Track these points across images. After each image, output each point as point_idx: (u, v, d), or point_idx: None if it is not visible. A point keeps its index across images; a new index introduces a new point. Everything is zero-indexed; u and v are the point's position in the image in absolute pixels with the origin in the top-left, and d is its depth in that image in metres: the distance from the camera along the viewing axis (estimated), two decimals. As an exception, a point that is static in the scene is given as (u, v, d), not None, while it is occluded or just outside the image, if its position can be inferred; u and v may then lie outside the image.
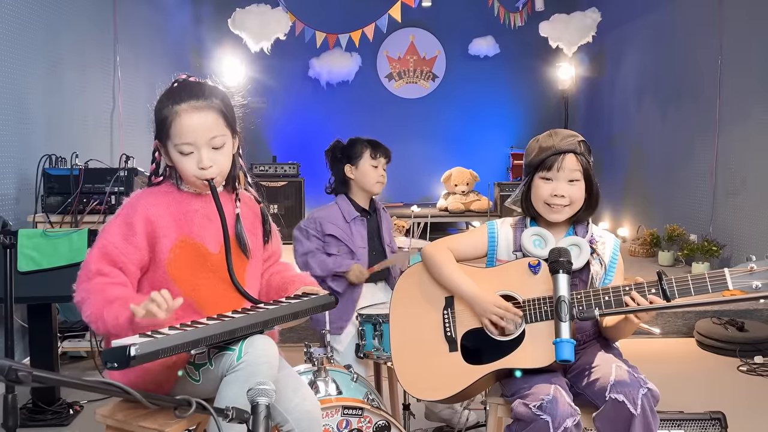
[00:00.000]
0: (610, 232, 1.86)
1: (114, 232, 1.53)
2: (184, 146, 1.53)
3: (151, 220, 1.54)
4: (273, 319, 1.42)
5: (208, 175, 1.55)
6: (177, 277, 1.55)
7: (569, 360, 1.42)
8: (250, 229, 1.68)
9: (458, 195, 6.83)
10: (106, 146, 4.65)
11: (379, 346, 2.14)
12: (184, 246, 1.56)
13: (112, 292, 1.45)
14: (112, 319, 1.41)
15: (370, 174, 2.56)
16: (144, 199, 1.58)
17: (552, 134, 1.79)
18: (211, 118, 1.55)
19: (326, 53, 7.34)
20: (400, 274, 2.64)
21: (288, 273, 1.78)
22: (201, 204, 1.61)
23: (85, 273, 1.49)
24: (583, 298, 1.58)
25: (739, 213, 4.71)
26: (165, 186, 1.64)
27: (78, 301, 1.48)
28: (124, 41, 4.92)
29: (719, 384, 3.29)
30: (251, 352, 1.40)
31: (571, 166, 1.73)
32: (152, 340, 1.22)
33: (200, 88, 1.57)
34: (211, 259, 1.58)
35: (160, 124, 1.56)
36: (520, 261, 1.72)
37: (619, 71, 6.82)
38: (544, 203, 1.76)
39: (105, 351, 1.23)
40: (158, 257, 1.55)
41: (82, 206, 3.25)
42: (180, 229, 1.57)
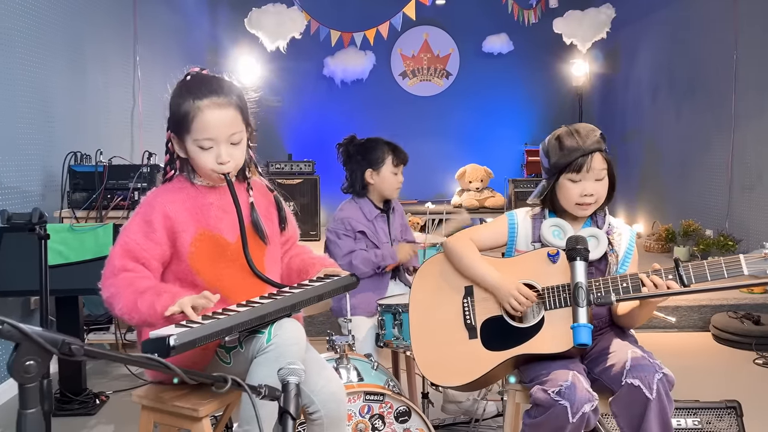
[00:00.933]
0: (626, 224, 1.90)
1: (134, 230, 1.58)
2: (205, 141, 1.57)
3: (170, 216, 1.58)
4: (299, 302, 1.48)
5: (225, 170, 1.60)
6: (200, 270, 1.60)
7: (586, 344, 1.46)
8: (265, 215, 1.72)
9: (472, 192, 6.86)
10: (127, 144, 4.75)
11: (399, 335, 2.19)
12: (204, 239, 1.61)
13: (141, 284, 1.51)
14: (147, 308, 1.46)
15: (390, 181, 2.60)
16: (161, 196, 1.62)
17: (573, 132, 1.79)
18: (231, 115, 1.59)
19: (340, 52, 7.40)
20: (411, 269, 2.71)
21: (307, 255, 1.83)
22: (215, 196, 1.66)
23: (110, 270, 1.55)
24: (602, 284, 1.62)
25: (756, 208, 4.71)
26: (178, 181, 1.67)
27: (108, 296, 1.53)
28: (143, 41, 5.01)
29: (735, 376, 3.31)
30: (280, 335, 1.45)
31: (598, 165, 1.76)
32: (189, 330, 1.28)
33: (219, 84, 1.61)
34: (230, 249, 1.63)
35: (179, 118, 1.58)
36: (539, 251, 1.77)
37: (634, 67, 6.81)
38: (575, 204, 1.78)
39: (145, 342, 1.29)
40: (180, 251, 1.59)
41: (107, 202, 3.33)
42: (198, 223, 1.61)
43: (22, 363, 0.90)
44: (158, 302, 1.45)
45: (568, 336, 1.58)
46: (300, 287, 1.57)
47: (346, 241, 2.55)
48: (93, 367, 3.45)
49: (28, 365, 0.90)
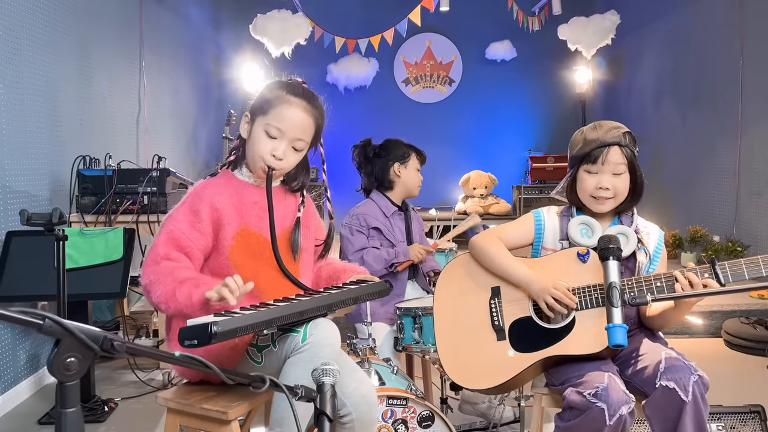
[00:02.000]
0: (653, 223, 1.88)
1: (180, 219, 1.59)
2: (274, 130, 1.62)
3: (217, 207, 1.60)
4: (336, 302, 1.46)
5: (274, 164, 1.63)
6: (238, 264, 1.60)
7: (622, 345, 1.43)
8: (304, 223, 1.74)
9: (477, 198, 6.84)
10: (133, 148, 4.72)
11: (419, 338, 2.16)
12: (245, 234, 1.63)
13: (182, 274, 1.50)
14: (185, 299, 1.45)
15: (415, 177, 2.64)
16: (209, 188, 1.65)
17: (597, 126, 1.80)
18: (308, 123, 1.65)
19: (344, 59, 7.40)
20: (431, 274, 2.69)
21: (337, 264, 1.86)
22: (259, 196, 1.68)
23: (152, 257, 1.54)
24: (635, 284, 1.60)
25: (764, 213, 4.69)
26: (224, 176, 1.71)
27: (147, 283, 1.52)
28: (149, 47, 5.00)
29: (750, 382, 3.28)
30: (316, 334, 1.43)
31: (615, 159, 1.75)
32: (231, 319, 1.25)
33: (314, 97, 1.69)
34: (268, 247, 1.64)
35: (264, 100, 1.64)
36: (568, 250, 1.74)
37: (637, 74, 6.82)
38: (590, 196, 1.78)
39: (183, 329, 1.26)
40: (221, 244, 1.60)
41: (116, 206, 3.30)
42: (241, 219, 1.63)
43: (62, 360, 0.87)
44: (196, 293, 1.44)
45: (600, 337, 1.56)
46: (336, 289, 1.57)
47: (358, 237, 2.54)
48: (101, 373, 3.40)
49: (69, 362, 0.87)
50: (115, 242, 2.99)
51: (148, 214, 3.29)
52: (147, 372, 3.37)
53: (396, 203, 2.64)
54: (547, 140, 7.86)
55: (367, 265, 2.43)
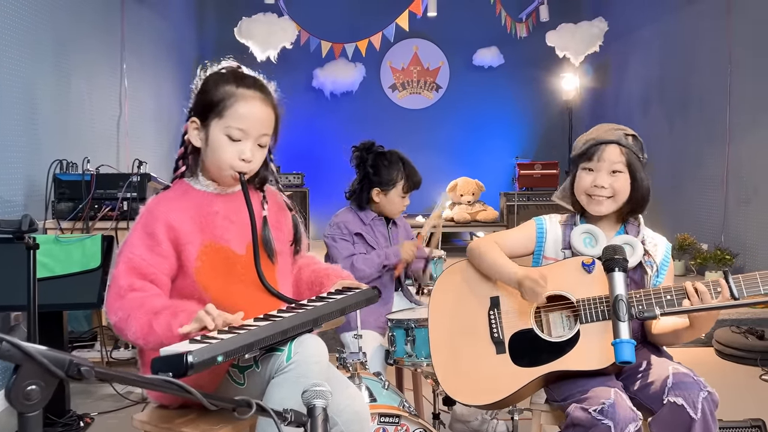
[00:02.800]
0: (661, 235, 1.81)
1: (137, 244, 1.44)
2: (236, 131, 1.47)
3: (173, 226, 1.45)
4: (322, 316, 1.36)
5: (245, 168, 1.49)
6: (207, 285, 1.46)
7: (630, 361, 1.36)
8: (275, 226, 1.60)
9: (464, 205, 6.78)
10: (113, 153, 4.59)
11: (412, 352, 2.07)
12: (210, 252, 1.48)
13: (154, 303, 1.37)
14: (164, 330, 1.32)
15: (396, 204, 2.51)
16: (162, 204, 1.49)
17: (599, 127, 1.75)
18: (269, 115, 1.51)
19: (330, 63, 7.31)
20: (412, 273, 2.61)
21: (318, 266, 1.71)
22: (221, 204, 1.53)
23: (115, 292, 1.40)
24: (643, 297, 1.52)
25: (752, 221, 4.68)
26: (178, 187, 1.55)
27: (117, 321, 1.38)
28: (130, 49, 4.88)
29: (745, 393, 3.23)
30: (301, 352, 1.33)
31: (612, 157, 1.68)
32: (208, 346, 1.15)
33: (263, 84, 1.53)
34: (240, 262, 1.50)
35: (212, 101, 1.48)
36: (573, 259, 1.67)
37: (624, 81, 6.82)
38: (586, 194, 1.72)
39: (156, 360, 1.15)
40: (185, 265, 1.46)
41: (94, 212, 3.17)
42: (203, 234, 1.48)
43: (22, 388, 0.76)
44: (175, 322, 1.31)
45: (606, 352, 1.48)
46: (320, 300, 1.45)
47: (344, 244, 2.45)
48: (76, 386, 3.27)
49: (30, 391, 0.77)
50: (93, 250, 2.86)
51: (127, 221, 3.17)
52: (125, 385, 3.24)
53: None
54: (534, 147, 7.83)
55: (357, 270, 2.33)
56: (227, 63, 1.58)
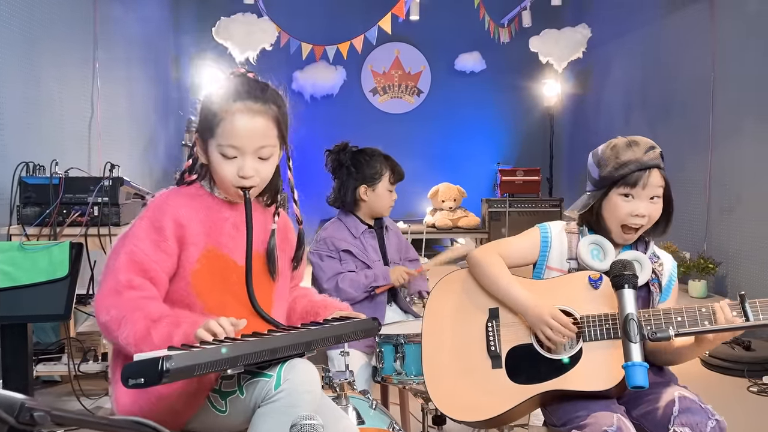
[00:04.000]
0: (667, 253, 1.72)
1: (141, 237, 1.35)
2: (229, 149, 1.38)
3: (182, 223, 1.38)
4: (316, 340, 1.24)
5: (247, 185, 1.39)
6: (201, 291, 1.37)
7: (643, 386, 1.27)
8: (280, 246, 1.51)
9: (445, 211, 6.71)
10: (84, 155, 4.41)
11: (401, 369, 1.95)
12: (211, 257, 1.40)
13: (153, 309, 1.27)
14: (162, 340, 1.21)
15: (385, 199, 2.39)
16: (173, 199, 1.41)
17: (632, 144, 1.61)
18: (263, 125, 1.40)
19: (310, 66, 7.20)
20: (413, 294, 2.49)
21: (315, 297, 1.63)
22: (232, 212, 1.45)
23: (111, 285, 1.30)
24: (651, 317, 1.43)
25: (735, 230, 4.67)
26: (195, 188, 1.47)
27: (108, 320, 1.27)
28: (103, 47, 4.70)
29: (733, 405, 3.18)
30: (292, 379, 1.21)
31: (655, 182, 1.57)
32: (187, 353, 1.03)
33: (260, 88, 1.42)
34: (237, 274, 1.41)
35: (207, 119, 1.40)
36: (579, 274, 1.57)
37: (606, 88, 6.82)
38: (620, 224, 1.59)
39: (128, 365, 1.04)
40: (183, 266, 1.37)
41: (62, 218, 3.01)
42: (208, 237, 1.40)
43: (-39, 440, 0.65)
44: (177, 333, 1.21)
45: (610, 372, 1.40)
46: (315, 325, 1.34)
47: (329, 263, 2.32)
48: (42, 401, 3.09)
49: (-31, 442, 0.65)
50: (60, 258, 2.70)
51: (98, 227, 3.01)
52: (94, 399, 3.08)
53: (367, 222, 2.43)
54: (516, 153, 7.79)
55: (342, 292, 2.21)
56: (233, 71, 1.48)
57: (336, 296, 2.00)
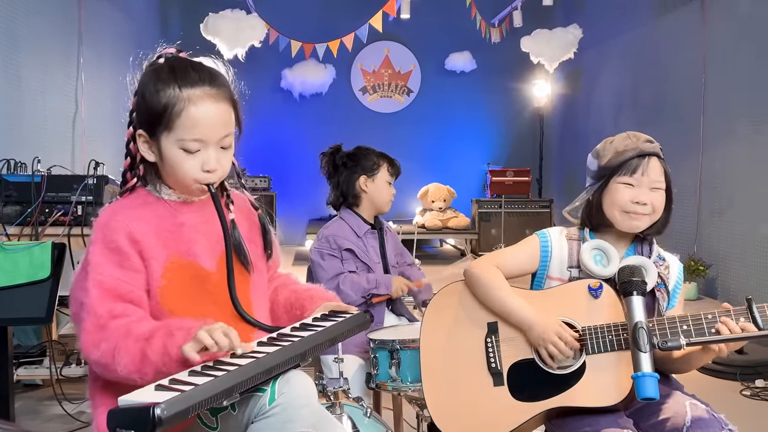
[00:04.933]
0: (673, 255, 1.67)
1: (102, 263, 1.23)
2: (193, 143, 1.25)
3: (136, 239, 1.25)
4: (310, 349, 1.17)
5: (211, 180, 1.27)
6: (173, 308, 1.26)
7: (654, 397, 1.22)
8: (248, 237, 1.40)
9: (435, 212, 6.67)
10: (68, 152, 4.31)
11: (396, 376, 1.89)
12: (176, 268, 1.28)
13: (142, 328, 1.17)
14: (159, 356, 1.12)
15: (385, 191, 2.37)
16: (119, 214, 1.27)
17: (630, 136, 1.58)
18: (225, 113, 1.28)
19: (299, 64, 7.12)
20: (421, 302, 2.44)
21: (296, 286, 1.52)
22: (187, 215, 1.32)
23: (93, 323, 1.19)
24: (656, 325, 1.38)
25: (726, 232, 4.67)
26: (138, 195, 1.33)
27: (101, 356, 1.17)
28: (88, 43, 4.61)
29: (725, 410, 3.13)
30: (287, 393, 1.13)
31: (656, 172, 1.53)
32: (179, 396, 0.95)
33: (211, 72, 1.30)
34: (210, 280, 1.30)
35: (156, 110, 1.26)
36: (577, 283, 1.51)
37: (596, 89, 6.81)
38: (623, 211, 1.54)
39: (113, 413, 0.95)
40: (150, 285, 1.26)
41: (44, 217, 2.91)
42: (167, 248, 1.28)
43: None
44: (172, 344, 1.12)
45: (616, 386, 1.35)
46: (305, 329, 1.25)
47: (331, 261, 2.27)
48: (23, 405, 3.02)
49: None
50: (42, 258, 2.61)
51: (81, 227, 2.92)
52: (76, 404, 2.99)
53: (368, 221, 2.39)
54: (506, 154, 7.77)
55: (343, 293, 2.15)
56: (163, 52, 1.37)
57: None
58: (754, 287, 4.29)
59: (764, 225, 4.24)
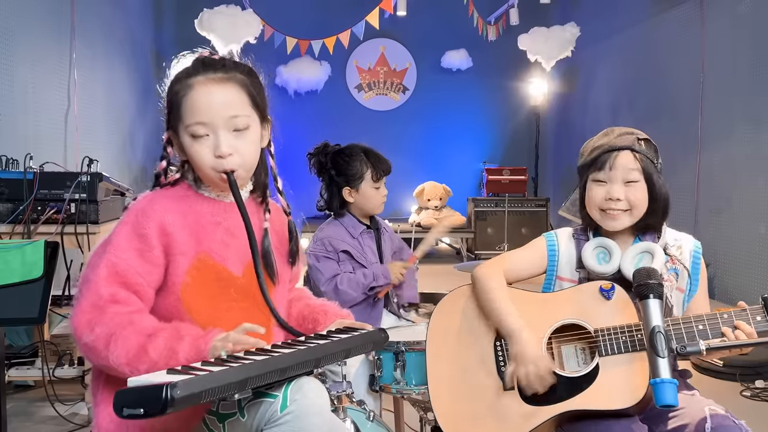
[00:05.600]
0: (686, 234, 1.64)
1: (124, 246, 1.20)
2: (197, 126, 1.23)
3: (168, 231, 1.22)
4: (326, 356, 1.12)
5: (227, 166, 1.23)
6: (193, 307, 1.23)
7: (674, 405, 1.18)
8: (276, 247, 1.37)
9: (431, 210, 6.63)
10: (60, 149, 4.24)
11: (401, 378, 1.85)
12: (203, 267, 1.25)
13: (146, 323, 1.14)
14: (164, 357, 1.08)
15: (372, 197, 2.29)
16: (157, 203, 1.25)
17: (607, 132, 1.57)
18: (232, 93, 1.26)
19: (294, 61, 7.06)
20: (404, 304, 2.40)
21: (312, 301, 1.49)
22: (224, 214, 1.30)
23: (92, 300, 1.15)
24: (671, 327, 1.35)
25: (723, 231, 4.65)
26: (180, 188, 1.32)
27: (94, 339, 1.12)
28: (81, 38, 4.54)
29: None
30: (299, 400, 1.09)
31: (626, 164, 1.50)
32: (194, 378, 0.91)
33: (221, 61, 1.29)
34: (235, 285, 1.27)
35: (171, 104, 1.26)
36: (590, 285, 1.48)
37: (593, 87, 6.79)
38: (599, 209, 1.53)
39: (122, 393, 0.92)
40: (171, 279, 1.23)
41: (37, 215, 2.86)
42: (198, 245, 1.25)
43: None
44: (181, 346, 1.08)
45: (631, 389, 1.31)
46: (321, 338, 1.22)
47: (327, 264, 2.23)
48: (15, 406, 2.97)
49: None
50: (34, 257, 2.55)
51: (75, 225, 2.86)
52: (69, 405, 2.94)
53: (364, 222, 2.34)
54: (502, 152, 7.74)
55: (342, 293, 2.11)
56: (191, 56, 1.34)
57: (335, 298, 1.89)
58: (752, 286, 4.28)
59: (762, 224, 4.24)
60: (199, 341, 1.09)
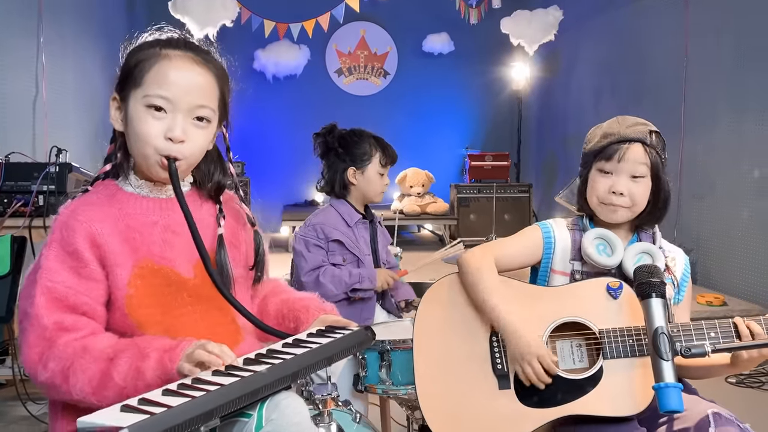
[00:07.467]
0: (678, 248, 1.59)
1: (56, 268, 1.09)
2: (158, 99, 1.12)
3: (98, 242, 1.11)
4: (304, 369, 1.03)
5: (173, 151, 1.13)
6: (143, 320, 1.12)
7: (678, 410, 1.12)
8: (231, 241, 1.27)
9: (413, 197, 6.55)
10: (28, 138, 4.08)
11: (387, 378, 1.78)
12: (146, 274, 1.14)
13: (102, 346, 1.04)
14: (130, 379, 0.99)
15: (376, 183, 2.24)
16: (81, 213, 1.13)
17: (619, 120, 1.51)
18: (207, 81, 1.17)
19: (273, 45, 6.89)
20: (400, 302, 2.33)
21: (288, 294, 1.39)
22: (160, 212, 1.19)
23: (40, 333, 1.05)
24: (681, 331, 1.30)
25: (706, 216, 4.65)
26: (106, 190, 1.19)
27: (50, 376, 1.03)
28: (49, 21, 4.35)
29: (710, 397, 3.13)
30: (276, 420, 1.01)
31: (636, 157, 1.44)
32: (149, 420, 0.82)
33: (203, 48, 1.21)
34: (187, 288, 1.17)
35: (130, 68, 1.15)
36: (596, 281, 1.41)
37: (575, 71, 6.73)
38: (600, 201, 1.47)
39: None
40: (113, 294, 1.12)
41: (3, 208, 2.74)
42: (136, 252, 1.14)
43: None
44: (147, 365, 0.99)
45: (636, 394, 1.26)
46: (299, 345, 1.11)
47: (315, 252, 2.15)
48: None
49: None
50: (1, 253, 2.45)
51: (44, 218, 2.75)
52: (41, 405, 2.84)
53: (359, 210, 2.27)
54: (484, 137, 7.68)
55: (322, 287, 2.04)
56: (169, 31, 1.24)
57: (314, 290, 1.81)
58: (735, 272, 4.28)
59: (745, 209, 4.23)
60: (164, 360, 1.00)
